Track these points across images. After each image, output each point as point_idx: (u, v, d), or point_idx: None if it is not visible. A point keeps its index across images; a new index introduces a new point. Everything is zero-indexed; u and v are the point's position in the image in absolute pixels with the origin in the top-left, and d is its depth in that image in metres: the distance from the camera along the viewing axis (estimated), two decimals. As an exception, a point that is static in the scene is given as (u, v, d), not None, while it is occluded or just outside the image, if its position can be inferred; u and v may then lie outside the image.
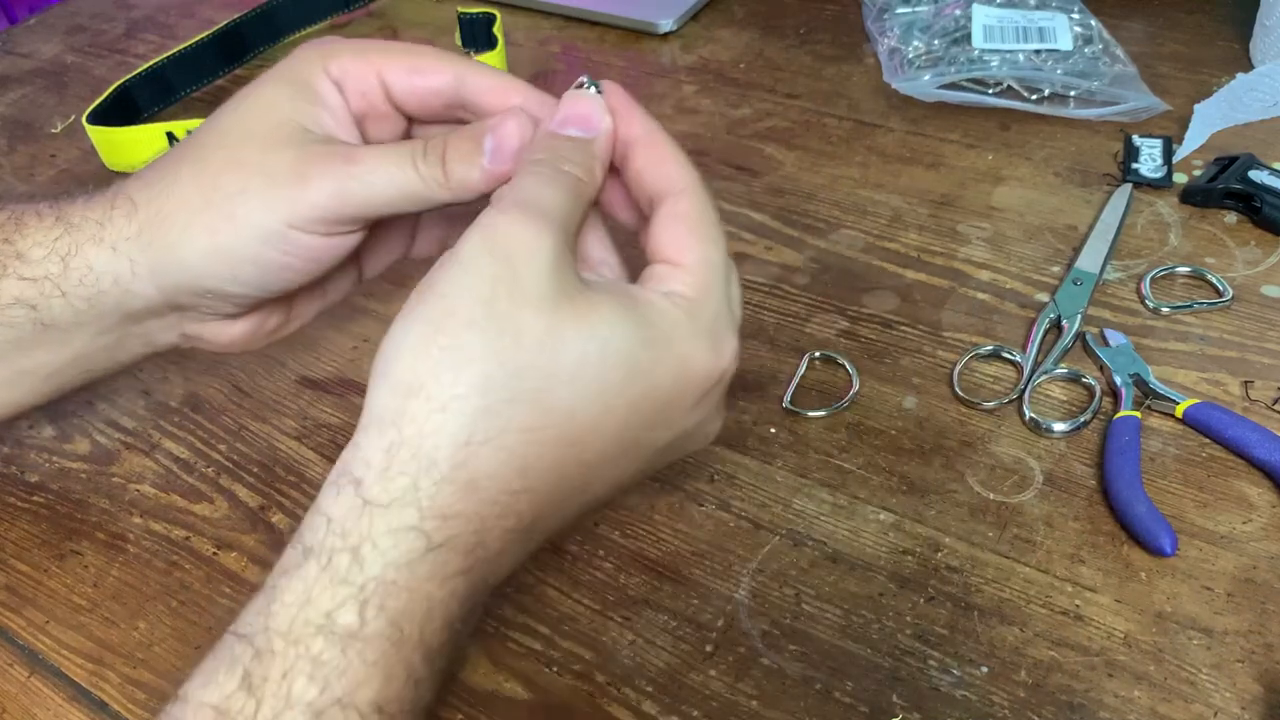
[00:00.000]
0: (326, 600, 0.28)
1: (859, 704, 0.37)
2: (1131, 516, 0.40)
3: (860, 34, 0.72)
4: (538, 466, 0.30)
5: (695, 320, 0.33)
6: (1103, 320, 0.50)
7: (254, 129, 0.37)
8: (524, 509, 0.31)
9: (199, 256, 0.38)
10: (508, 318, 0.30)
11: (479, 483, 0.29)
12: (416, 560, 0.28)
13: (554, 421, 0.30)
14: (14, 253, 0.39)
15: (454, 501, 0.29)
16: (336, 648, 0.27)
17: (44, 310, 0.39)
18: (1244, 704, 0.36)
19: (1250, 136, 0.59)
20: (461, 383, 0.29)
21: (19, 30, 0.88)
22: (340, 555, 0.28)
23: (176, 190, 0.38)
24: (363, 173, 0.36)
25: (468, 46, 0.74)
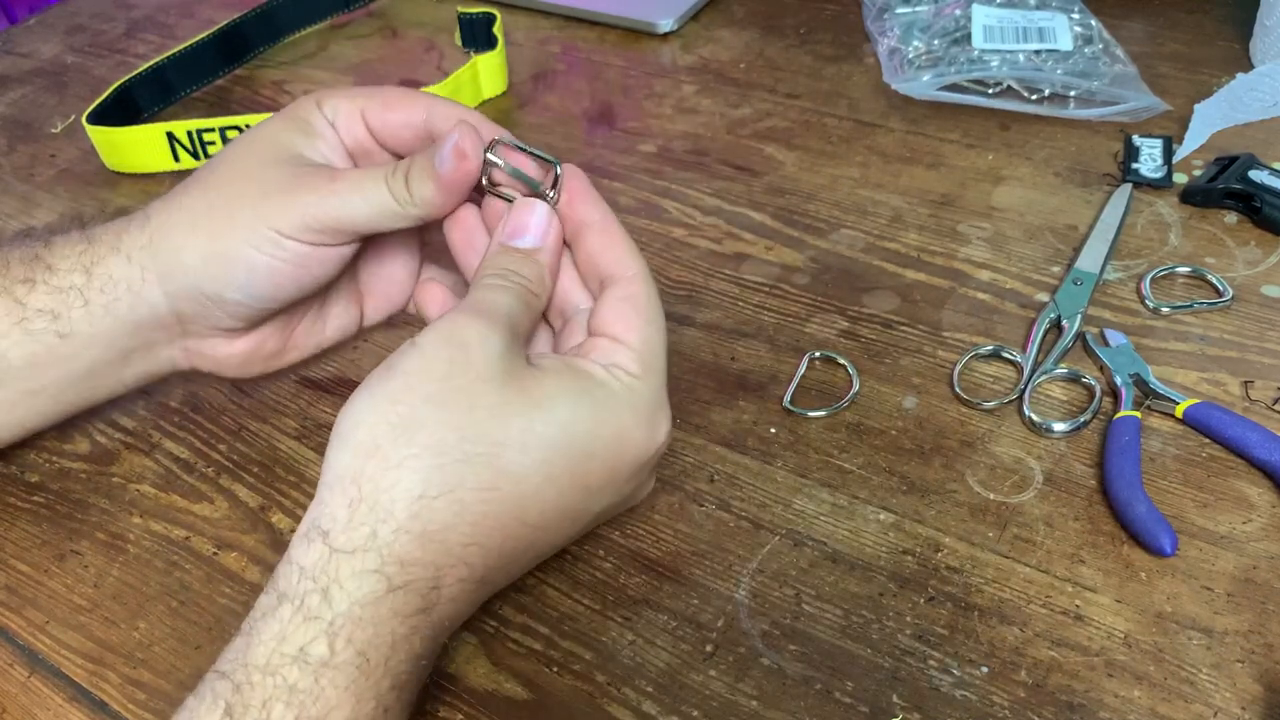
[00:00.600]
0: (300, 635, 0.31)
1: (859, 704, 0.37)
2: (1131, 516, 0.40)
3: (860, 34, 0.72)
4: (486, 524, 0.33)
5: (635, 397, 0.36)
6: (1103, 320, 0.50)
7: (256, 153, 0.42)
8: (475, 561, 0.34)
9: (199, 259, 0.41)
10: (461, 392, 0.34)
11: (433, 533, 0.32)
12: (380, 599, 0.31)
13: (502, 483, 0.34)
14: (44, 265, 0.42)
15: (411, 549, 0.32)
16: (310, 676, 0.30)
17: (64, 320, 0.42)
18: (1244, 704, 0.36)
19: (1250, 136, 0.59)
20: (416, 444, 0.33)
21: (19, 30, 0.88)
22: (311, 596, 0.31)
23: (185, 202, 0.42)
24: (343, 189, 0.40)
25: (468, 46, 0.74)
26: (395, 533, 0.32)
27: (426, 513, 0.32)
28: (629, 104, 0.69)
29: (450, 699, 0.39)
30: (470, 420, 0.33)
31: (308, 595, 0.31)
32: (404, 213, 0.40)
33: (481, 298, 0.37)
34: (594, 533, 0.43)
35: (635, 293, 0.38)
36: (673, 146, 0.65)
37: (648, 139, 0.66)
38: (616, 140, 0.66)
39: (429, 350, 0.34)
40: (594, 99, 0.70)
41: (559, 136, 0.67)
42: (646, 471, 0.39)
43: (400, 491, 0.32)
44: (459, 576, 0.33)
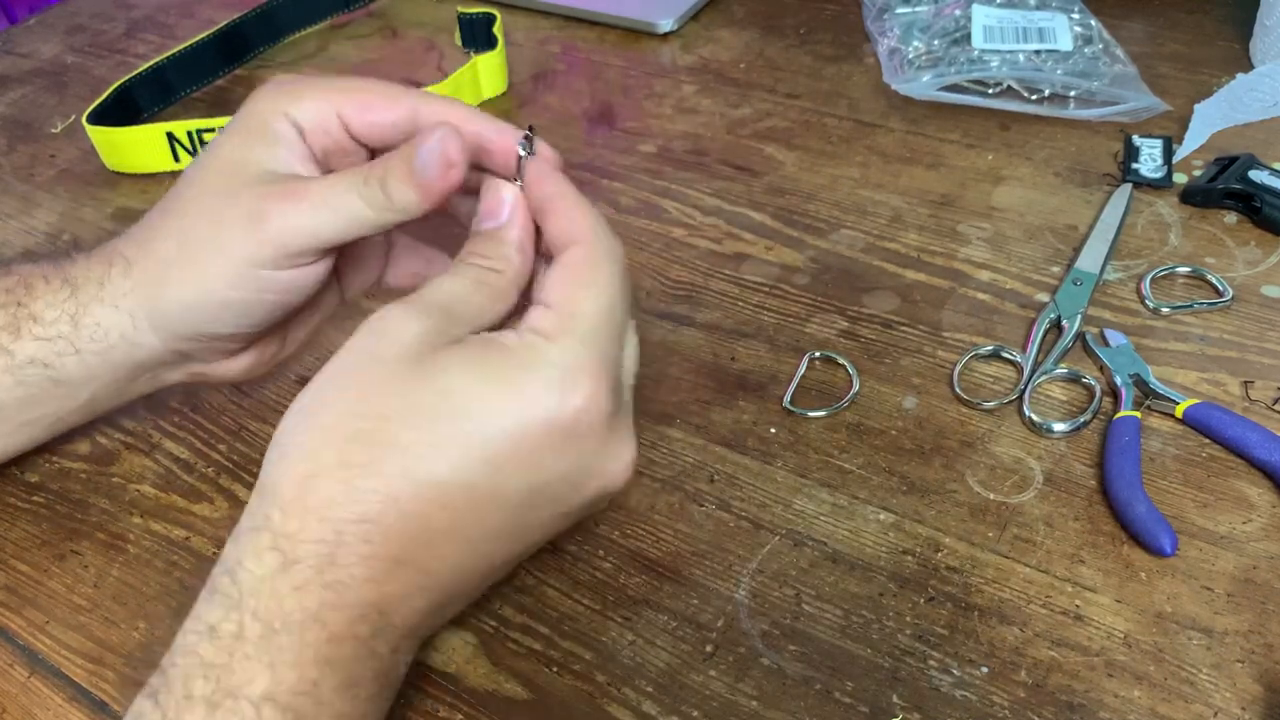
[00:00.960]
0: (211, 615, 0.32)
1: (859, 704, 0.37)
2: (1131, 516, 0.40)
3: (860, 34, 0.72)
4: (373, 499, 0.33)
5: (536, 356, 0.34)
6: (1103, 320, 0.50)
7: (218, 177, 0.40)
8: (374, 538, 0.33)
9: (182, 307, 0.41)
10: (362, 374, 0.34)
11: (315, 508, 0.32)
12: (276, 574, 0.32)
13: (387, 457, 0.33)
14: (28, 314, 0.42)
15: (294, 524, 0.32)
16: (224, 652, 0.31)
17: (58, 368, 0.42)
18: (1244, 704, 0.36)
19: (1250, 136, 0.59)
20: (312, 428, 0.33)
21: (19, 30, 0.88)
22: (221, 579, 0.32)
23: (158, 246, 0.41)
24: (311, 207, 0.38)
25: (468, 46, 0.74)
26: (283, 511, 0.32)
27: (310, 488, 0.32)
28: (629, 104, 0.69)
29: (450, 699, 0.39)
30: (359, 397, 0.33)
31: (219, 578, 0.32)
32: (381, 220, 0.38)
33: (426, 287, 0.36)
34: (593, 532, 0.43)
35: (575, 258, 0.36)
36: (673, 146, 0.65)
37: (648, 139, 0.66)
38: (616, 140, 0.66)
39: (351, 344, 0.35)
40: (594, 99, 0.70)
41: (559, 136, 0.67)
42: (591, 445, 0.35)
43: (284, 471, 0.33)
44: (359, 554, 0.32)
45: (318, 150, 0.41)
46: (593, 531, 0.44)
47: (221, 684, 0.30)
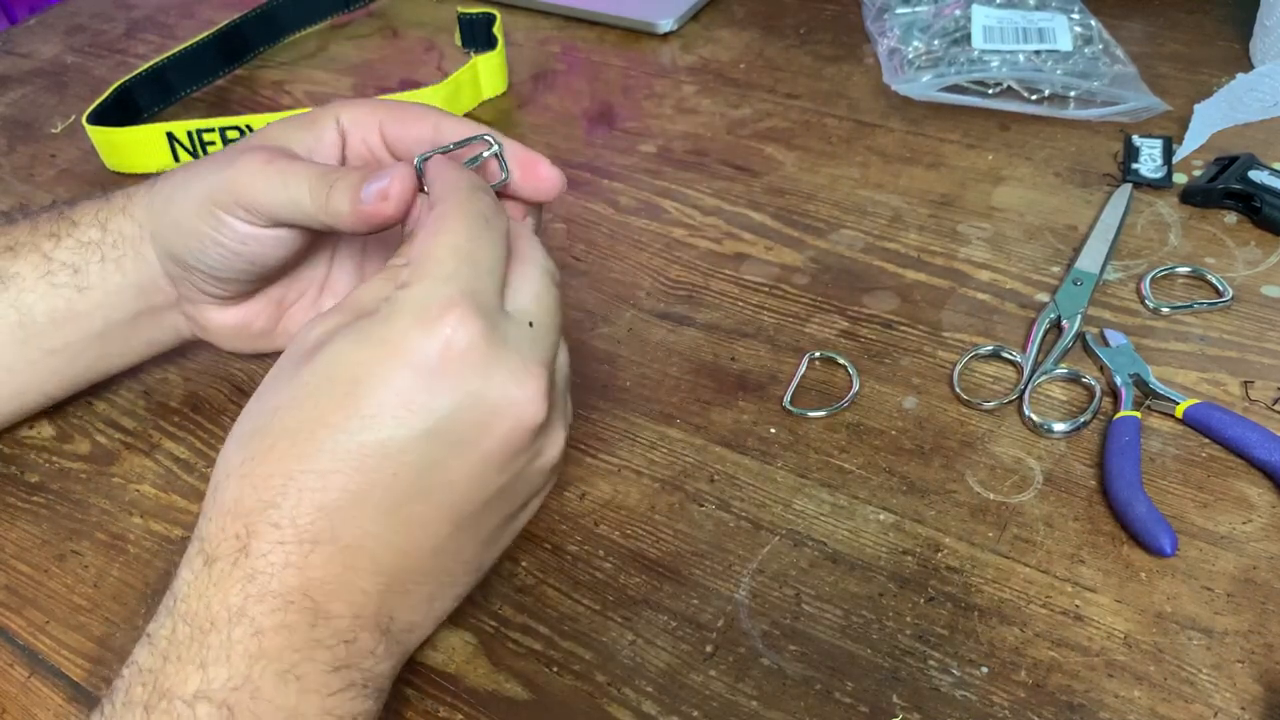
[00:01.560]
0: (151, 626, 0.33)
1: (859, 704, 0.37)
2: (1131, 516, 0.40)
3: (860, 34, 0.72)
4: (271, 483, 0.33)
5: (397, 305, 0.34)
6: (1103, 320, 0.50)
7: (256, 137, 0.44)
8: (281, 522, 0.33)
9: (172, 226, 0.44)
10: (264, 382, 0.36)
11: (226, 506, 0.34)
12: (199, 574, 0.33)
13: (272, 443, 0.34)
14: (69, 220, 0.46)
15: (215, 526, 0.34)
16: (158, 657, 0.32)
17: (84, 274, 0.46)
18: (1244, 704, 0.36)
19: (1250, 136, 0.59)
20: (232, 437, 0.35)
21: (19, 30, 0.88)
22: (167, 595, 0.34)
23: (179, 173, 0.45)
24: (270, 173, 0.41)
25: (468, 47, 0.74)
26: (205, 516, 0.34)
27: (220, 490, 0.34)
28: (629, 104, 0.69)
29: (450, 699, 0.39)
30: (258, 400, 0.35)
31: (165, 595, 0.34)
32: (316, 217, 0.40)
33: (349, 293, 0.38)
34: (594, 532, 0.43)
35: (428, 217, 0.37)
36: (673, 146, 0.65)
37: (648, 139, 0.66)
38: (616, 140, 0.66)
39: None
40: (594, 99, 0.70)
41: (559, 137, 0.67)
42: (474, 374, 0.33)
43: (210, 495, 0.35)
44: (271, 541, 0.32)
45: (354, 156, 0.44)
46: (593, 531, 0.44)
47: (156, 686, 0.31)
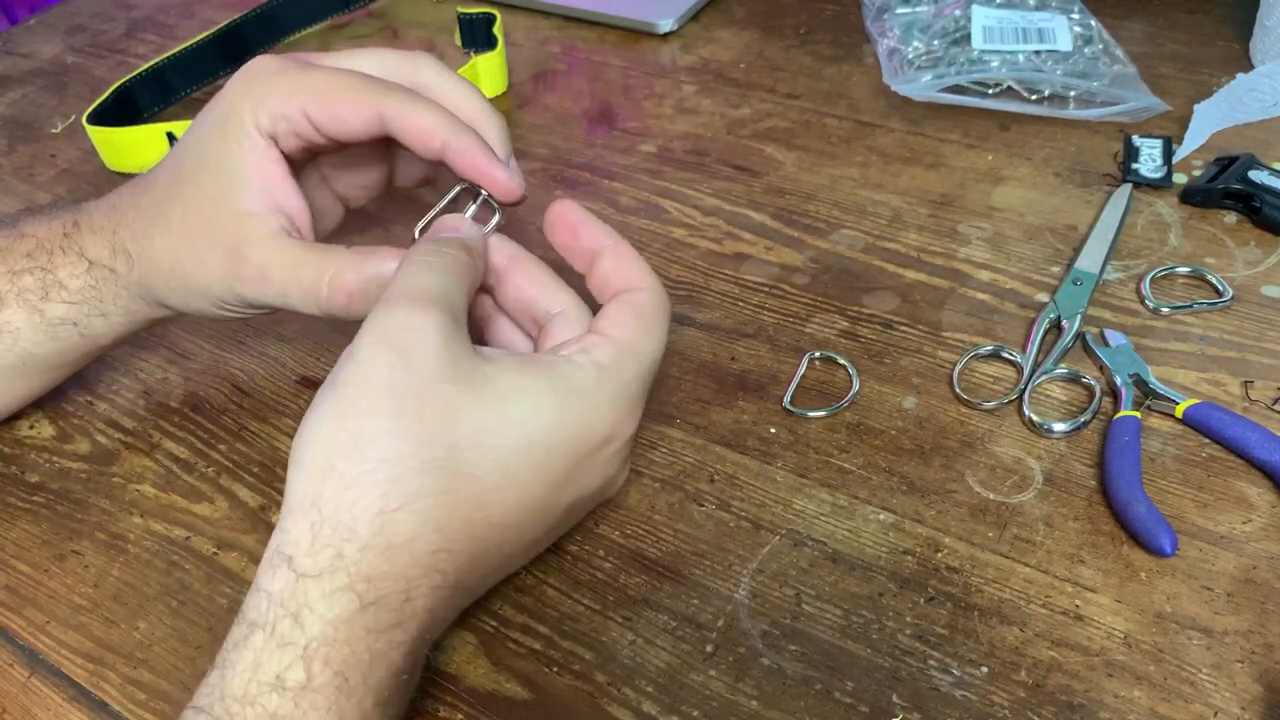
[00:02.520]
0: (275, 663, 0.30)
1: (859, 704, 0.37)
2: (1131, 516, 0.40)
3: (860, 34, 0.72)
4: (451, 527, 0.33)
5: (601, 388, 0.36)
6: (1103, 320, 0.50)
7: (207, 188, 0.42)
8: (445, 568, 0.33)
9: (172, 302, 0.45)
10: (406, 398, 0.33)
11: (399, 546, 0.32)
12: (352, 618, 0.31)
13: (461, 485, 0.33)
14: (54, 281, 0.44)
15: (378, 564, 0.32)
16: (290, 702, 0.30)
17: (86, 327, 0.45)
18: (1244, 704, 0.36)
19: (1250, 136, 0.59)
20: (369, 459, 0.32)
21: (19, 30, 0.88)
22: (283, 622, 0.31)
23: (158, 253, 0.43)
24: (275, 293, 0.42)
25: (468, 46, 0.74)
26: (361, 550, 0.31)
27: (389, 526, 0.32)
28: (629, 104, 0.69)
29: (450, 699, 0.39)
30: (421, 426, 0.33)
31: (278, 621, 0.31)
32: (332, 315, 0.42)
33: (409, 283, 0.36)
34: (593, 532, 0.43)
35: (640, 300, 0.39)
36: (673, 146, 0.65)
37: (648, 139, 0.66)
38: (616, 140, 0.66)
39: (365, 358, 0.34)
40: (594, 99, 0.70)
41: (559, 137, 0.67)
42: (617, 464, 0.39)
43: (360, 509, 0.32)
44: (432, 585, 0.33)
45: (291, 150, 0.42)
46: (593, 531, 0.44)
47: None
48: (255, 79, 0.42)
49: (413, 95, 0.41)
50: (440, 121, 0.41)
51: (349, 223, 0.49)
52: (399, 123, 0.40)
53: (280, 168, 0.42)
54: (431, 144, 0.41)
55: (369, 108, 0.40)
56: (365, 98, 0.40)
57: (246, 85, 0.42)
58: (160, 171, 0.44)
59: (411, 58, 0.44)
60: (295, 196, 0.43)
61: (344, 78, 0.41)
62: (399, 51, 0.44)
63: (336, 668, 0.30)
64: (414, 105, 0.41)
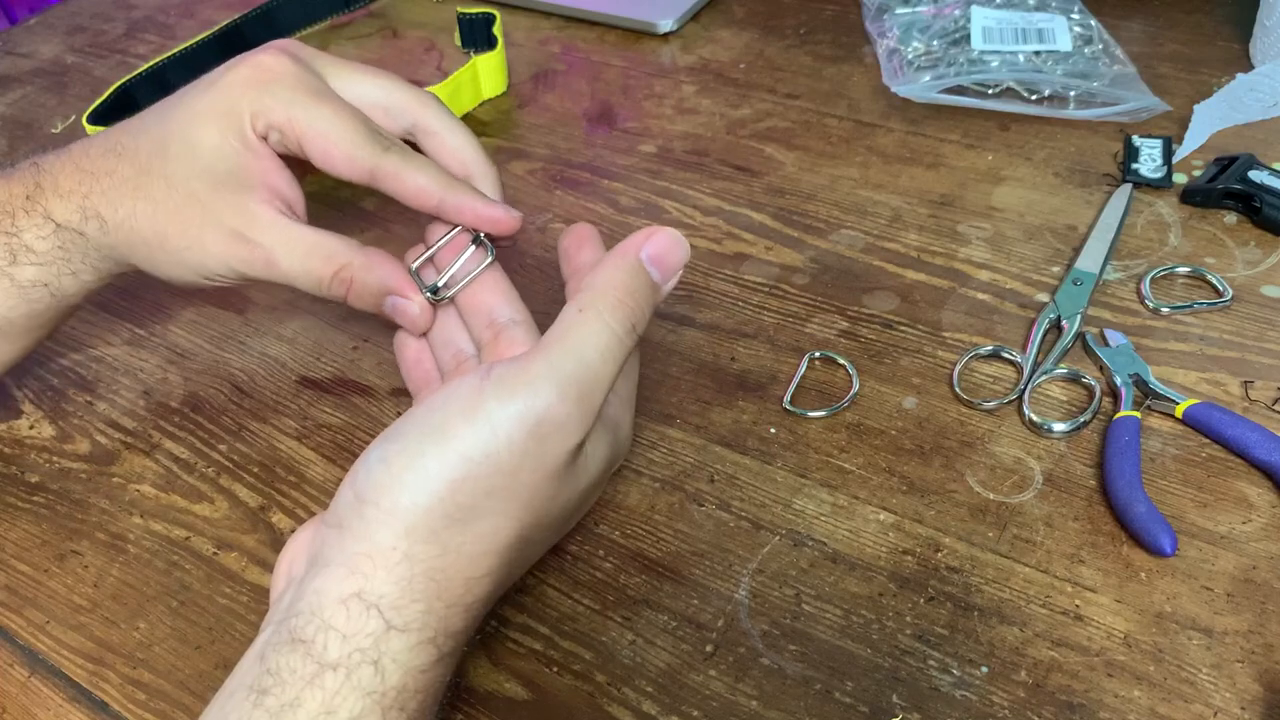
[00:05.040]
0: (350, 708, 0.30)
1: (859, 704, 0.37)
2: (1131, 516, 0.40)
3: (860, 34, 0.72)
4: (514, 573, 0.37)
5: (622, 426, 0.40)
6: (1103, 320, 0.50)
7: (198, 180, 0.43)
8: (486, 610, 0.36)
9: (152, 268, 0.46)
10: (527, 490, 0.34)
11: (475, 604, 0.34)
12: (430, 667, 0.32)
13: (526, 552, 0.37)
14: (21, 245, 0.44)
15: (459, 620, 0.34)
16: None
17: (57, 287, 0.46)
18: (1244, 704, 0.36)
19: (1250, 136, 0.59)
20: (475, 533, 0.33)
21: (19, 30, 0.88)
22: (363, 668, 0.31)
23: (134, 224, 0.44)
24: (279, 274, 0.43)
25: (467, 47, 0.74)
26: (448, 607, 0.33)
27: (476, 588, 0.34)
28: (629, 104, 0.69)
29: (450, 699, 0.39)
30: (528, 513, 0.34)
31: (358, 667, 0.31)
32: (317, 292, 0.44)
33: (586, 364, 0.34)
34: (593, 532, 0.43)
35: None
36: (673, 146, 0.65)
37: (648, 139, 0.66)
38: (616, 140, 0.66)
39: (503, 436, 0.33)
40: (594, 99, 0.70)
41: (559, 137, 0.67)
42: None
43: (455, 573, 0.33)
44: (475, 625, 0.35)
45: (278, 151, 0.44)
46: (593, 531, 0.44)
47: None
48: (265, 87, 0.42)
49: (406, 156, 0.43)
50: (434, 182, 0.43)
51: (349, 222, 0.49)
52: (392, 182, 0.43)
53: (275, 162, 0.44)
54: (428, 203, 0.43)
55: (362, 165, 0.43)
56: (361, 156, 0.42)
57: (255, 90, 0.42)
58: (140, 140, 0.44)
59: (419, 97, 0.45)
60: (291, 184, 0.45)
61: (347, 125, 0.42)
62: (408, 86, 0.45)
63: (410, 714, 0.31)
64: (408, 168, 0.43)
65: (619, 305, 0.36)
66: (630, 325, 0.36)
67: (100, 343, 0.56)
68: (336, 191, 0.64)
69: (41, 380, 0.54)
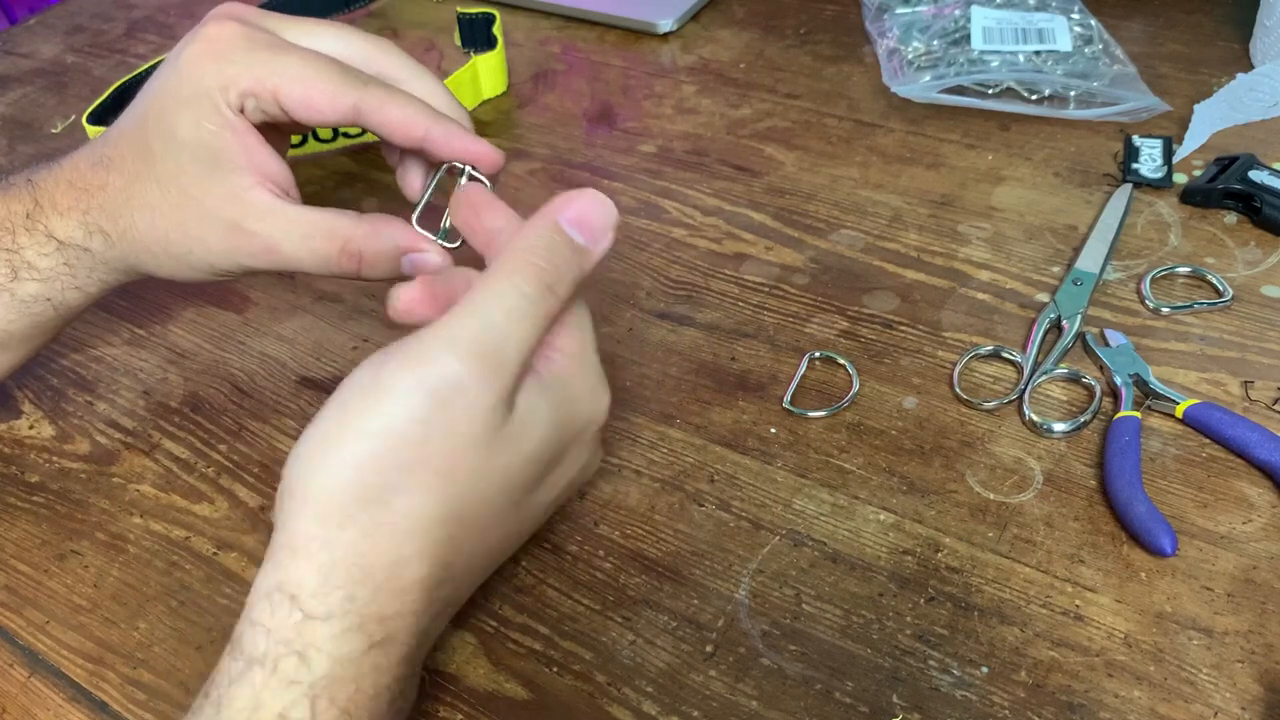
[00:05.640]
0: (278, 700, 0.30)
1: (859, 704, 0.37)
2: (1131, 516, 0.40)
3: (860, 34, 0.72)
4: (456, 562, 0.33)
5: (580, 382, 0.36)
6: (1103, 320, 0.50)
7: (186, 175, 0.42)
8: (447, 593, 0.34)
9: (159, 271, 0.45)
10: (442, 459, 0.32)
11: (408, 587, 0.32)
12: (360, 656, 0.31)
13: (469, 524, 0.33)
14: (22, 261, 0.44)
15: (390, 605, 0.31)
16: None
17: (60, 302, 0.46)
18: (1244, 704, 0.36)
19: (1250, 136, 0.59)
20: (393, 512, 0.31)
21: (19, 30, 0.88)
22: (286, 660, 0.30)
23: (136, 234, 0.44)
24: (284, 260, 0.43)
25: (467, 47, 0.74)
26: (373, 593, 0.31)
27: (404, 570, 0.31)
28: (629, 104, 0.69)
29: (450, 699, 0.39)
30: (449, 485, 0.32)
31: (281, 660, 0.30)
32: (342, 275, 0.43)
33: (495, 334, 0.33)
34: (593, 532, 0.43)
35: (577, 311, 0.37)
36: (673, 146, 0.65)
37: (648, 139, 0.66)
38: (616, 140, 0.66)
39: (404, 410, 0.31)
40: (594, 99, 0.70)
41: (559, 137, 0.67)
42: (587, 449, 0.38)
43: (377, 555, 0.31)
44: (433, 613, 0.33)
45: (256, 121, 0.42)
46: (593, 531, 0.44)
47: None
48: (223, 57, 0.41)
49: (387, 87, 0.41)
50: (420, 112, 0.41)
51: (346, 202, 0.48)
52: (377, 115, 0.41)
53: (257, 138, 0.42)
54: (413, 134, 0.41)
55: (345, 100, 0.40)
56: (342, 90, 0.40)
57: (215, 64, 0.41)
58: (123, 148, 0.43)
59: (378, 44, 0.44)
60: (277, 162, 0.43)
61: (319, 66, 0.41)
62: (364, 34, 0.44)
63: (342, 705, 0.30)
64: (391, 99, 0.41)
65: (528, 265, 0.34)
66: (544, 285, 0.34)
67: (100, 343, 0.56)
68: (337, 193, 0.64)
69: (41, 380, 0.54)
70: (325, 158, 0.67)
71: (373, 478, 0.31)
